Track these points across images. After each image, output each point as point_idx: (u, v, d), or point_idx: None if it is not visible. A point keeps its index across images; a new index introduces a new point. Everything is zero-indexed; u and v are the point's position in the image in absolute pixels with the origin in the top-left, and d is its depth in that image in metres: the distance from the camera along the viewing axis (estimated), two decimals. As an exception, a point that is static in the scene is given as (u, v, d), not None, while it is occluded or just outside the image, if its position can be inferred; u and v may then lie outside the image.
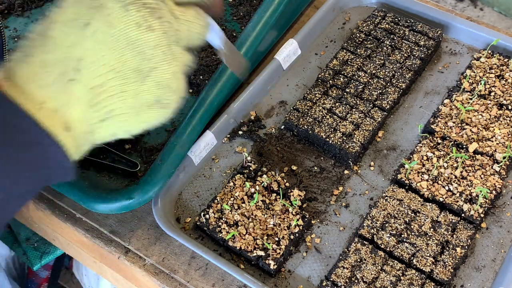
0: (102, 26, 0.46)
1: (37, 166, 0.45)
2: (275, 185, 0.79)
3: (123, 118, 0.49)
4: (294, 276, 0.74)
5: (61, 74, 0.45)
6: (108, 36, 0.46)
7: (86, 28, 0.46)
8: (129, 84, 0.48)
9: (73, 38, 0.46)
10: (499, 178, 0.79)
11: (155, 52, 0.48)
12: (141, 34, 0.47)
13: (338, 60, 0.93)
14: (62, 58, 0.46)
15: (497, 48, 0.93)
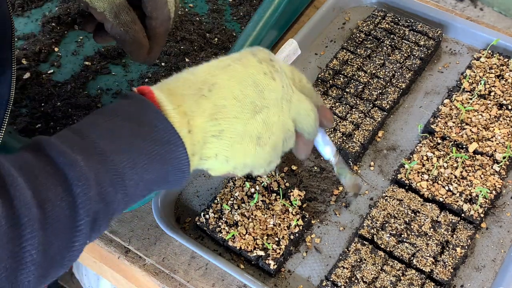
0: (239, 67, 0.60)
1: (164, 161, 0.54)
2: (275, 185, 0.79)
3: (229, 142, 0.59)
4: (294, 276, 0.74)
5: (197, 90, 0.57)
6: (241, 74, 0.59)
7: (227, 67, 0.60)
8: (243, 113, 0.59)
9: (215, 71, 0.60)
10: (499, 178, 0.79)
11: (270, 95, 0.60)
12: (265, 79, 0.60)
13: (338, 60, 0.93)
14: (202, 80, 0.58)
15: (497, 48, 0.93)
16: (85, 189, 0.50)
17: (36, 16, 1.06)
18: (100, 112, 0.56)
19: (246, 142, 0.59)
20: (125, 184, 0.53)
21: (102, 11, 0.72)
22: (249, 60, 0.60)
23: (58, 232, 0.49)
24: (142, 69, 0.98)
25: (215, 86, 0.58)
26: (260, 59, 0.61)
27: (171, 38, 0.98)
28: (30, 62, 0.98)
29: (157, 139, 0.54)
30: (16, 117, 0.90)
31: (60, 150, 0.50)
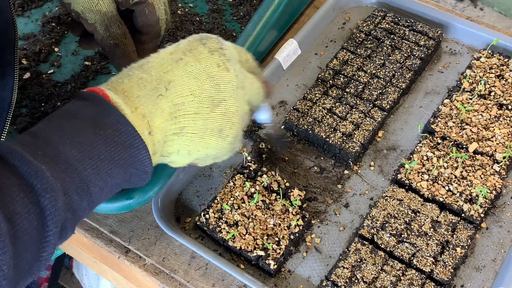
0: (192, 61, 0.60)
1: (128, 165, 0.55)
2: (275, 185, 0.79)
3: (190, 138, 0.60)
4: (294, 276, 0.74)
5: (153, 89, 0.57)
6: (195, 68, 0.59)
7: (180, 61, 0.60)
8: (203, 108, 0.59)
9: (168, 67, 0.59)
10: (499, 178, 0.79)
11: (227, 87, 0.61)
12: (219, 72, 0.60)
13: (338, 60, 0.93)
14: (156, 78, 0.58)
15: (497, 48, 0.93)
16: (52, 201, 0.49)
17: (36, 16, 1.06)
18: (59, 114, 0.55)
19: (207, 136, 0.61)
20: (90, 191, 0.53)
21: (93, 22, 0.72)
22: (201, 52, 0.60)
23: (27, 245, 0.48)
24: (142, 69, 0.98)
25: (171, 84, 0.58)
26: (211, 49, 0.61)
27: (171, 38, 0.98)
28: (30, 62, 0.98)
29: (120, 143, 0.54)
30: (16, 117, 0.90)
31: (24, 159, 0.49)
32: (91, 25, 0.73)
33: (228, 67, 0.61)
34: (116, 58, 0.75)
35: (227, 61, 0.61)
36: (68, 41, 1.03)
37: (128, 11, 0.74)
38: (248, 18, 1.03)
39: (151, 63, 0.60)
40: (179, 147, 0.60)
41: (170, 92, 0.58)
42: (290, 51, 0.94)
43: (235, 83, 0.61)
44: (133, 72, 0.59)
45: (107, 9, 0.72)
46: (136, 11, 0.73)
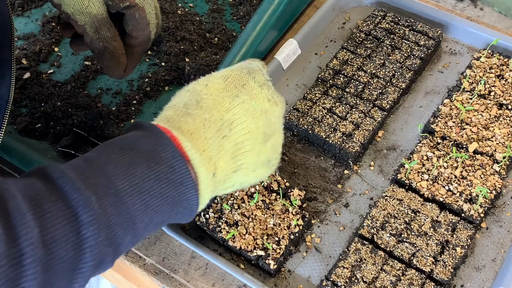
0: (247, 99, 0.61)
1: (175, 203, 0.55)
2: (275, 185, 0.79)
3: (245, 172, 0.62)
4: (294, 276, 0.74)
5: (218, 131, 0.58)
6: (251, 106, 0.61)
7: (236, 99, 0.60)
8: (257, 144, 0.61)
9: (226, 105, 0.60)
10: (499, 178, 0.79)
11: (276, 121, 0.64)
12: (271, 107, 0.62)
13: (338, 60, 0.93)
14: (219, 119, 0.59)
15: (497, 48, 0.93)
16: (95, 234, 0.48)
17: (36, 16, 1.06)
18: (116, 142, 0.55)
19: (258, 168, 0.63)
20: (135, 227, 0.52)
21: (83, 24, 0.72)
22: (252, 88, 0.62)
23: (60, 273, 0.47)
24: (142, 69, 0.98)
25: (234, 124, 0.59)
26: (260, 84, 0.63)
27: (171, 38, 0.98)
28: (30, 62, 0.98)
29: (172, 180, 0.53)
30: (16, 117, 0.90)
31: (75, 186, 0.48)
32: (81, 27, 0.72)
33: (276, 100, 0.63)
34: (105, 61, 0.74)
35: (274, 94, 0.64)
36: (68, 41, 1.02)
37: (119, 13, 0.74)
38: (248, 18, 1.03)
39: (207, 100, 0.60)
40: (234, 181, 0.62)
41: (232, 133, 0.59)
42: (290, 51, 0.94)
43: (281, 116, 0.64)
44: (194, 112, 0.58)
45: (97, 11, 0.71)
46: (126, 14, 0.73)
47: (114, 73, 0.77)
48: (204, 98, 0.60)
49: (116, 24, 0.75)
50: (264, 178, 0.67)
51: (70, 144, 0.86)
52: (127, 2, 0.71)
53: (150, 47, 1.00)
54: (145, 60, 0.99)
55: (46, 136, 0.88)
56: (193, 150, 0.55)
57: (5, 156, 0.83)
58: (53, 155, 0.85)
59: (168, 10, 1.03)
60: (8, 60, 0.73)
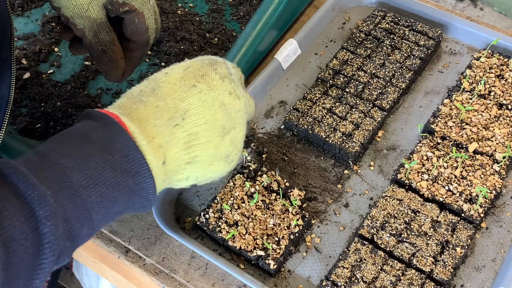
0: (205, 89, 0.60)
1: (132, 192, 0.54)
2: (275, 185, 0.79)
3: (201, 165, 0.60)
4: (294, 276, 0.74)
5: (170, 119, 0.57)
6: (209, 97, 0.60)
7: (193, 88, 0.59)
8: (215, 137, 0.60)
9: (182, 94, 0.59)
10: (499, 178, 0.79)
11: (237, 115, 0.62)
12: (231, 100, 0.61)
13: (338, 60, 0.93)
14: (172, 107, 0.57)
15: (497, 48, 0.93)
16: (53, 229, 0.48)
17: (36, 16, 1.06)
18: (69, 134, 0.54)
19: (216, 162, 0.62)
20: (92, 218, 0.52)
21: (82, 28, 0.72)
22: (213, 79, 0.61)
23: (20, 271, 0.46)
24: (142, 69, 0.98)
25: (187, 113, 0.58)
26: (222, 76, 0.62)
27: (170, 38, 0.98)
28: (30, 62, 0.98)
29: (127, 170, 0.53)
30: (16, 117, 0.90)
31: (29, 182, 0.48)
32: (80, 30, 0.72)
33: (238, 94, 0.62)
34: (103, 64, 0.74)
35: (236, 87, 0.62)
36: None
37: (118, 17, 0.74)
38: (248, 18, 1.03)
39: (163, 88, 0.59)
40: (189, 174, 0.61)
41: (186, 122, 0.58)
42: (290, 51, 0.94)
43: (243, 109, 0.63)
44: (147, 99, 0.58)
45: (96, 15, 0.71)
46: (125, 19, 0.73)
47: (112, 77, 0.77)
48: (161, 86, 0.59)
49: (115, 28, 0.75)
50: (223, 174, 0.65)
51: (70, 144, 0.86)
52: (126, 7, 0.71)
53: (150, 47, 1.00)
54: (145, 60, 0.99)
55: (46, 136, 0.88)
56: (141, 137, 0.54)
57: (5, 156, 0.83)
58: (53, 155, 0.84)
59: (168, 10, 1.03)
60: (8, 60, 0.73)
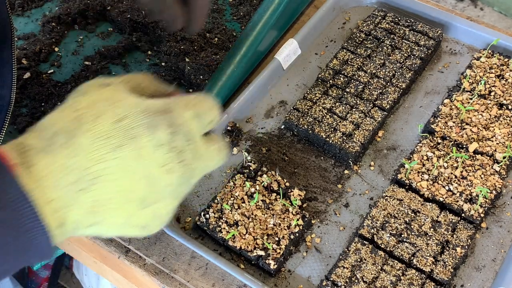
0: (130, 156, 0.49)
1: (22, 250, 0.47)
2: (275, 185, 0.79)
3: (107, 228, 0.51)
4: (294, 276, 0.74)
5: (76, 182, 0.48)
6: (132, 166, 0.49)
7: (116, 150, 0.49)
8: (129, 207, 0.51)
9: (101, 155, 0.49)
10: (499, 178, 0.79)
11: (164, 190, 0.52)
12: (160, 173, 0.51)
13: (338, 60, 0.93)
14: (84, 168, 0.48)
15: (497, 48, 0.93)
16: None
17: (36, 16, 1.06)
18: None
19: (128, 229, 0.53)
20: None
21: None
22: (143, 146, 0.50)
23: None
24: (142, 69, 0.98)
25: (100, 179, 0.48)
26: (158, 143, 0.50)
27: (171, 38, 0.98)
28: (30, 62, 0.98)
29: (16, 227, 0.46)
30: (16, 117, 0.90)
31: None
32: None
33: (172, 168, 0.51)
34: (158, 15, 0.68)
35: (173, 159, 0.51)
36: (68, 41, 1.03)
37: None
38: (248, 18, 1.03)
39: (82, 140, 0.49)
40: (90, 233, 0.52)
41: (95, 188, 0.48)
42: (290, 51, 0.94)
43: (175, 185, 0.52)
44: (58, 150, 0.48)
45: None
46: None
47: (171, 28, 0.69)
48: (81, 136, 0.49)
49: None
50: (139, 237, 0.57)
51: (70, 144, 0.86)
52: None
53: (150, 47, 1.00)
54: (145, 60, 0.99)
55: (46, 136, 0.88)
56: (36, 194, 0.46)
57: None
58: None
59: (168, 10, 1.03)
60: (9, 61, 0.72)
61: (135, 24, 1.01)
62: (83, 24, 1.05)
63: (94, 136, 0.49)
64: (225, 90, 0.86)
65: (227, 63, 0.87)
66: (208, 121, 0.55)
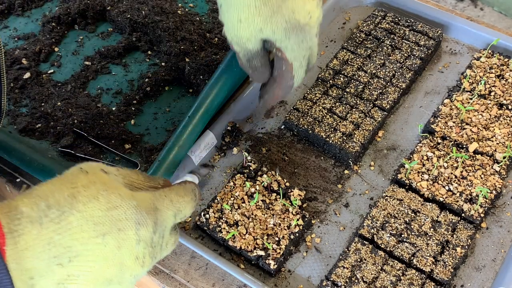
0: (112, 245, 0.52)
1: None
2: (275, 185, 0.79)
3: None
4: (294, 276, 0.74)
5: (56, 257, 0.50)
6: (111, 254, 0.53)
7: (101, 237, 0.52)
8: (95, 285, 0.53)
9: (86, 237, 0.52)
10: (499, 178, 0.79)
11: (131, 278, 0.55)
12: (133, 265, 0.54)
13: (338, 60, 0.93)
14: (66, 246, 0.51)
15: (497, 48, 0.93)
16: None
17: (36, 16, 1.06)
18: None
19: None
20: None
21: (238, 51, 0.74)
22: (126, 238, 0.54)
23: None
24: (142, 69, 0.98)
25: (78, 258, 0.51)
26: (140, 239, 0.54)
27: (171, 38, 0.98)
28: (30, 62, 0.98)
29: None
30: (16, 117, 0.90)
31: None
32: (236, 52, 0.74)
33: (145, 261, 0.56)
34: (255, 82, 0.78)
35: (148, 254, 0.56)
36: (68, 41, 1.03)
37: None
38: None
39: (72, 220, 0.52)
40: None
41: (72, 264, 0.51)
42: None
43: (140, 275, 0.57)
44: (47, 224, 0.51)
45: (252, 47, 0.72)
46: (276, 60, 0.74)
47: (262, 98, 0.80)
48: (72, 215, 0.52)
49: None
50: None
51: (70, 144, 0.86)
52: (279, 52, 0.72)
53: (150, 47, 1.00)
54: (145, 60, 0.99)
55: (46, 136, 0.88)
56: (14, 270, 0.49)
57: (5, 156, 0.83)
58: (53, 155, 0.85)
59: (168, 10, 1.03)
60: None
61: (135, 24, 1.01)
62: (83, 24, 1.05)
63: (84, 218, 0.52)
64: (226, 90, 0.85)
65: (227, 63, 0.86)
66: (182, 216, 0.60)
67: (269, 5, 0.68)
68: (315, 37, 0.73)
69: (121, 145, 0.87)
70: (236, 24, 0.69)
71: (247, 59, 0.73)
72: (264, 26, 0.69)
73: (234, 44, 0.72)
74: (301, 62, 0.74)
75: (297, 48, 0.72)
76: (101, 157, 0.85)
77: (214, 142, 0.85)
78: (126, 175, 0.59)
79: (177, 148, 0.78)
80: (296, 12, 0.69)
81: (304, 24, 0.70)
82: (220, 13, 0.71)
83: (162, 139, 0.87)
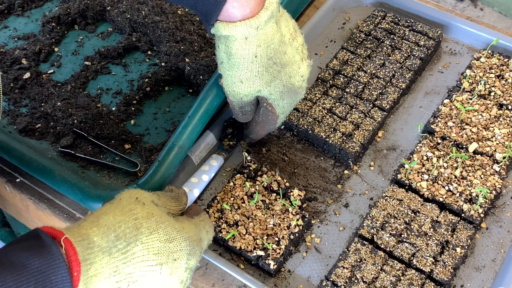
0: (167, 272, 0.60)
1: None
2: (275, 185, 0.79)
3: None
4: (294, 276, 0.74)
5: (117, 282, 0.57)
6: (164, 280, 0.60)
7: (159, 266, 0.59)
8: None
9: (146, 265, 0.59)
10: (499, 178, 0.79)
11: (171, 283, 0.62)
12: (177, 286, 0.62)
13: (338, 60, 0.93)
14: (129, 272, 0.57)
15: (497, 48, 0.93)
16: None
17: (36, 16, 1.06)
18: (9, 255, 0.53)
19: None
20: None
21: (232, 101, 0.77)
22: (179, 267, 0.61)
23: None
24: (142, 69, 0.98)
25: (134, 284, 0.58)
26: (188, 267, 0.62)
27: (171, 38, 0.98)
28: (30, 62, 0.98)
29: None
30: (16, 117, 0.90)
31: None
32: (230, 101, 0.78)
33: (186, 283, 0.63)
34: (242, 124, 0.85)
35: (191, 275, 0.64)
36: (68, 41, 1.03)
37: None
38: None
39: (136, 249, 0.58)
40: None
41: None
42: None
43: None
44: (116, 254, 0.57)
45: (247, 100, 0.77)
46: (263, 109, 0.78)
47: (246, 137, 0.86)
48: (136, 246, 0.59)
49: None
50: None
51: (70, 144, 0.86)
52: (270, 107, 0.77)
53: (150, 47, 1.00)
54: (145, 60, 0.99)
55: (46, 136, 0.88)
56: None
57: (5, 156, 0.83)
58: (53, 155, 0.84)
59: (168, 10, 1.03)
60: None
61: (135, 24, 1.01)
62: (83, 24, 1.05)
63: (146, 249, 0.59)
64: None
65: None
66: None
67: (270, 71, 0.72)
68: (303, 95, 0.79)
69: (121, 145, 0.87)
70: (236, 83, 0.74)
71: (240, 107, 0.78)
72: (263, 88, 0.74)
73: (230, 97, 0.77)
74: (286, 114, 0.80)
75: (288, 106, 0.78)
76: (101, 157, 0.85)
77: (214, 142, 0.85)
78: (166, 204, 0.66)
79: (177, 148, 0.78)
80: (292, 77, 0.75)
81: (298, 87, 0.76)
82: (220, 67, 0.74)
83: (162, 139, 0.87)
